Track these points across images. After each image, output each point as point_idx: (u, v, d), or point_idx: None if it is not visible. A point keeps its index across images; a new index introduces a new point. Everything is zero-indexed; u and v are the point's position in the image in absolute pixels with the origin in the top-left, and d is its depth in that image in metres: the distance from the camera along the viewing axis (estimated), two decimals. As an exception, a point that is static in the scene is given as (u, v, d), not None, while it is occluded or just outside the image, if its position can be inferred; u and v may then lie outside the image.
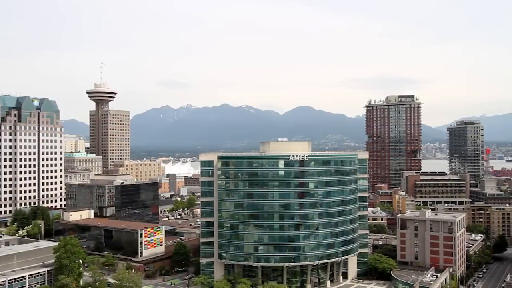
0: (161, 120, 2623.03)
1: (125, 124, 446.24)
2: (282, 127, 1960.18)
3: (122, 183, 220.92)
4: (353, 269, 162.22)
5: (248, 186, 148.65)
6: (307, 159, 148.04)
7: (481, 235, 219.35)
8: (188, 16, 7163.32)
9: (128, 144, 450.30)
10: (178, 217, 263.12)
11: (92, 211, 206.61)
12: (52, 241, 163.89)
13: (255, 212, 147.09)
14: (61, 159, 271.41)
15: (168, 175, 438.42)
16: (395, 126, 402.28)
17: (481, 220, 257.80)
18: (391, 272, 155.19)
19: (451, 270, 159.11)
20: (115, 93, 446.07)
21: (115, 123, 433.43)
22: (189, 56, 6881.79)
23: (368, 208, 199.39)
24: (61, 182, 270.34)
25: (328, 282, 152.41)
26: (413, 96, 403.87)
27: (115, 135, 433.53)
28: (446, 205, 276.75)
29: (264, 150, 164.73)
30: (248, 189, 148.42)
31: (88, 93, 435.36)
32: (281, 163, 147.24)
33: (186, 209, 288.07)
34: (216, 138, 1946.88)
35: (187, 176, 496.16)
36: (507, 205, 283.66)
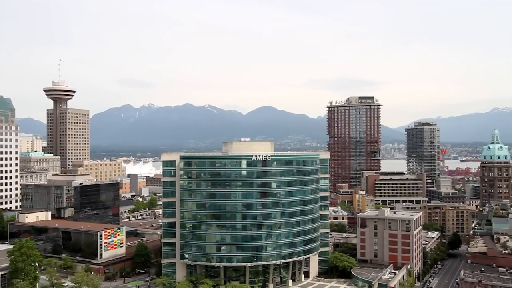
0: (122, 119, 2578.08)
1: (85, 123, 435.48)
2: (245, 127, 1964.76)
3: (81, 183, 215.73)
4: (314, 267, 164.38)
5: (211, 186, 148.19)
6: (270, 159, 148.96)
7: (437, 232, 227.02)
8: (150, 16, 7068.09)
9: (88, 143, 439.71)
10: (140, 217, 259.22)
11: (49, 213, 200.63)
12: (7, 244, 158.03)
13: (217, 212, 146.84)
14: (16, 158, 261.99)
15: (129, 175, 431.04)
16: (356, 127, 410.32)
17: (437, 218, 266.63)
18: (352, 270, 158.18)
19: (409, 267, 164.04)
20: (74, 91, 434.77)
21: (74, 122, 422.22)
22: (152, 55, 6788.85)
23: (329, 208, 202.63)
24: (16, 183, 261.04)
25: (290, 281, 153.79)
26: (373, 98, 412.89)
27: (74, 134, 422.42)
28: (404, 204, 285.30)
29: (227, 150, 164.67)
30: (210, 189, 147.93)
31: (45, 91, 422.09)
32: (244, 163, 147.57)
33: (147, 209, 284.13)
34: (178, 138, 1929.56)
35: (148, 176, 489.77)
36: (461, 203, 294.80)
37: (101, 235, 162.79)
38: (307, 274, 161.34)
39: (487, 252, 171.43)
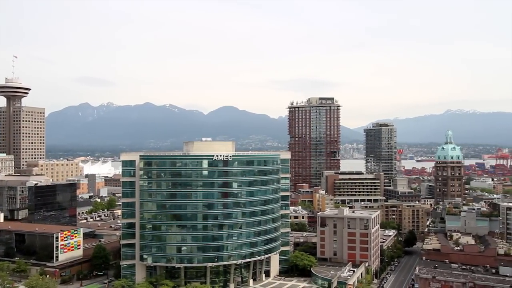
0: (80, 118, 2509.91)
1: (40, 121, 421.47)
2: (206, 127, 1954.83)
3: (36, 184, 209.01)
4: (275, 267, 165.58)
5: (171, 186, 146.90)
6: (231, 159, 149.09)
7: (394, 230, 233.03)
8: (114, 15, 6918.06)
9: (43, 143, 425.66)
10: (98, 218, 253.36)
11: (1, 214, 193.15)
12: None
13: (178, 213, 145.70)
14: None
15: (87, 175, 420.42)
16: (316, 127, 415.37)
17: (393, 216, 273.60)
18: (311, 268, 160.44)
19: (367, 264, 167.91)
20: (28, 89, 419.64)
21: (29, 121, 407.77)
22: (113, 54, 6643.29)
23: (290, 207, 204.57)
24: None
25: (251, 281, 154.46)
26: (332, 99, 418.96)
27: (29, 133, 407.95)
28: (362, 203, 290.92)
29: (188, 150, 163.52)
30: (171, 189, 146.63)
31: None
32: (205, 163, 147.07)
33: (106, 210, 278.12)
34: (138, 138, 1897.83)
35: (107, 177, 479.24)
36: (417, 202, 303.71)
37: (57, 237, 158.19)
38: (267, 274, 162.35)
39: (441, 249, 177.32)
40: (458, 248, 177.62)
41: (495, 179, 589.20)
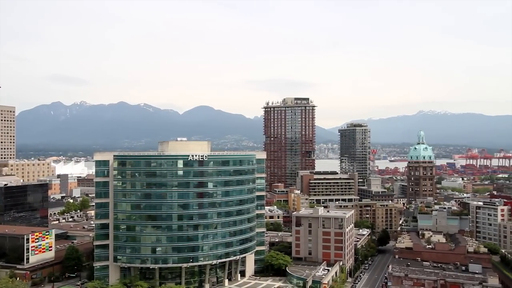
0: (52, 117, 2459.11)
1: (10, 120, 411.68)
2: (182, 126, 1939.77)
3: (5, 184, 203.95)
4: (250, 266, 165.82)
5: (146, 187, 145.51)
6: (207, 159, 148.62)
7: (368, 229, 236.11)
8: (88, 14, 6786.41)
9: (14, 142, 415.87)
10: (70, 220, 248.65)
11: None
12: None
13: (153, 213, 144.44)
14: None
15: (59, 176, 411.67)
16: (291, 127, 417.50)
17: (367, 216, 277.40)
18: (287, 268, 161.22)
19: (341, 263, 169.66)
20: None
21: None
22: (87, 52, 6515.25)
23: (265, 207, 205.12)
24: None
25: (226, 281, 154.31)
26: (308, 99, 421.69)
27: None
28: (337, 202, 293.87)
29: (163, 149, 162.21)
30: (146, 189, 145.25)
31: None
32: (180, 163, 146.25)
33: (79, 211, 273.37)
34: (112, 137, 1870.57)
35: (80, 177, 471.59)
36: (390, 201, 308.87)
37: (27, 239, 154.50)
38: (243, 273, 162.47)
39: (413, 247, 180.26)
40: (430, 246, 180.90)
41: (465, 179, 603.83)
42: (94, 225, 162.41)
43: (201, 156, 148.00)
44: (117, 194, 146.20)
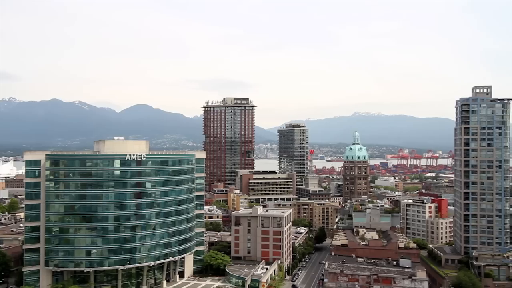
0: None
1: None
2: (119, 125, 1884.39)
3: None
4: (189, 267, 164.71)
5: (81, 187, 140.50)
6: (145, 159, 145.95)
7: (305, 228, 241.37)
8: (27, 7, 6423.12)
9: None
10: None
11: None
12: None
13: (88, 214, 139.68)
14: None
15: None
16: (231, 127, 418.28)
17: (305, 214, 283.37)
18: (226, 267, 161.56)
19: (279, 261, 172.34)
20: None
21: None
22: (17, 45, 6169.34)
23: (205, 207, 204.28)
24: None
25: (165, 282, 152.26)
26: (247, 99, 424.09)
27: None
28: (276, 201, 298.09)
29: (99, 149, 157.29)
30: (80, 190, 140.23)
31: None
32: (117, 163, 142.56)
33: (7, 213, 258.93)
34: (44, 136, 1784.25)
35: (8, 177, 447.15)
36: (327, 200, 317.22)
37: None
38: (182, 274, 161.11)
39: (348, 244, 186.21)
40: (364, 243, 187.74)
41: (396, 178, 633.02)
42: (23, 228, 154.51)
43: (139, 155, 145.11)
44: (50, 195, 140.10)
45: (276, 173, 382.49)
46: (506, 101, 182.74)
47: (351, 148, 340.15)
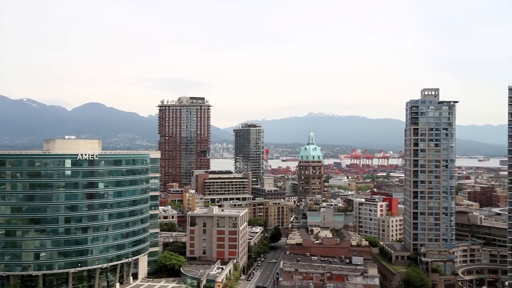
0: None
1: None
2: (70, 124, 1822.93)
3: None
4: (143, 268, 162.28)
5: (29, 188, 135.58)
6: (97, 158, 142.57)
7: (261, 227, 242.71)
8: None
9: None
10: None
11: None
12: None
13: (36, 216, 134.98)
14: None
15: None
16: (187, 127, 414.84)
17: (260, 214, 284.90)
18: (181, 268, 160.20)
19: (235, 261, 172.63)
20: None
21: None
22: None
23: (160, 207, 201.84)
24: None
25: (118, 284, 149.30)
26: (203, 99, 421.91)
27: None
28: (231, 201, 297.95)
29: (49, 148, 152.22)
30: (28, 191, 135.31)
31: None
32: (68, 163, 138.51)
33: None
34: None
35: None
36: (282, 200, 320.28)
37: None
38: (135, 276, 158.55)
39: (303, 243, 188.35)
40: (318, 241, 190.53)
41: (350, 177, 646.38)
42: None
43: (91, 155, 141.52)
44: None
45: (231, 173, 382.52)
46: (452, 103, 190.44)
47: (305, 148, 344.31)
